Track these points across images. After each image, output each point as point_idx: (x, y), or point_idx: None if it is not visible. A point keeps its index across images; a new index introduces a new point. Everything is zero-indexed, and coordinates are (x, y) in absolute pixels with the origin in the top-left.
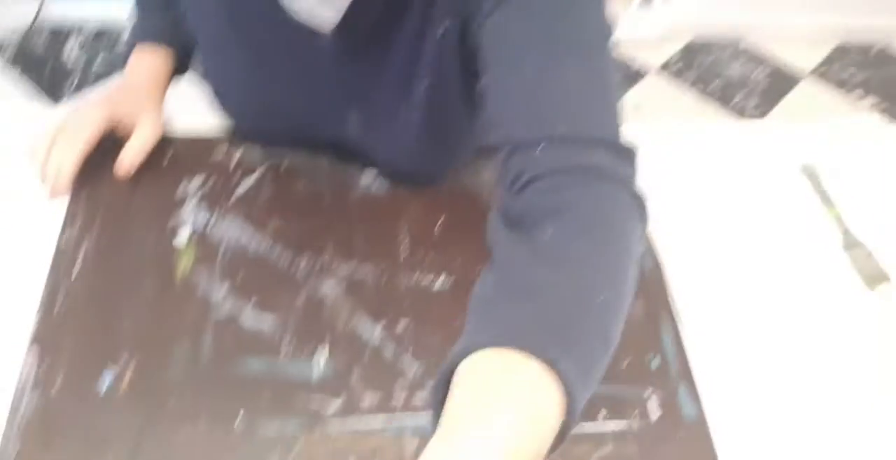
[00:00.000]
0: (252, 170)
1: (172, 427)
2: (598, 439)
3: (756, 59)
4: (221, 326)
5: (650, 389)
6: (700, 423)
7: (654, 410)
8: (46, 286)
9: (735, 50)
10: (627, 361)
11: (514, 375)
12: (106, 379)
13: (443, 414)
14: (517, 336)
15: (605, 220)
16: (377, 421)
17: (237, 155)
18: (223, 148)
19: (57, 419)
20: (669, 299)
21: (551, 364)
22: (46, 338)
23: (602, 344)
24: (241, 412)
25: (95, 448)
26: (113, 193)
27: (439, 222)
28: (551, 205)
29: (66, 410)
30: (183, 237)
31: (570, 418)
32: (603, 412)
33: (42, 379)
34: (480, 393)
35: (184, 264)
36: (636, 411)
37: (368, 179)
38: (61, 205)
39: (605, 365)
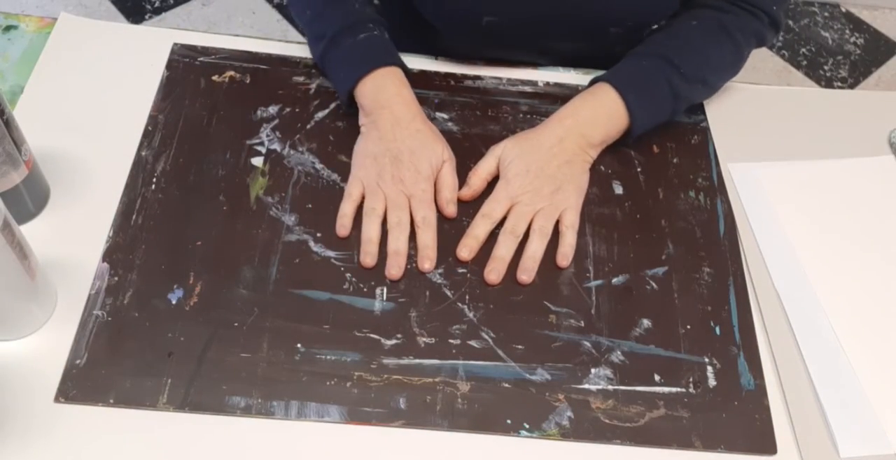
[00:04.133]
0: (328, 102)
1: (236, 346)
2: (651, 402)
3: (850, 25)
4: (290, 253)
5: (710, 356)
6: (758, 394)
7: (711, 378)
8: (121, 202)
9: (828, 15)
10: (689, 326)
11: (604, 100)
12: (176, 294)
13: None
14: (620, 81)
15: (734, 38)
16: (431, 363)
17: (314, 85)
18: (301, 77)
19: (127, 326)
20: (741, 266)
21: (625, 98)
22: (120, 250)
23: (671, 99)
24: (302, 339)
25: (161, 357)
26: (190, 115)
27: None
28: (710, 16)
29: (136, 319)
30: (258, 161)
31: (632, 126)
32: (658, 375)
33: (114, 289)
34: (583, 99)
35: (257, 188)
36: (692, 377)
37: (445, 115)
38: (139, 123)
39: (671, 106)
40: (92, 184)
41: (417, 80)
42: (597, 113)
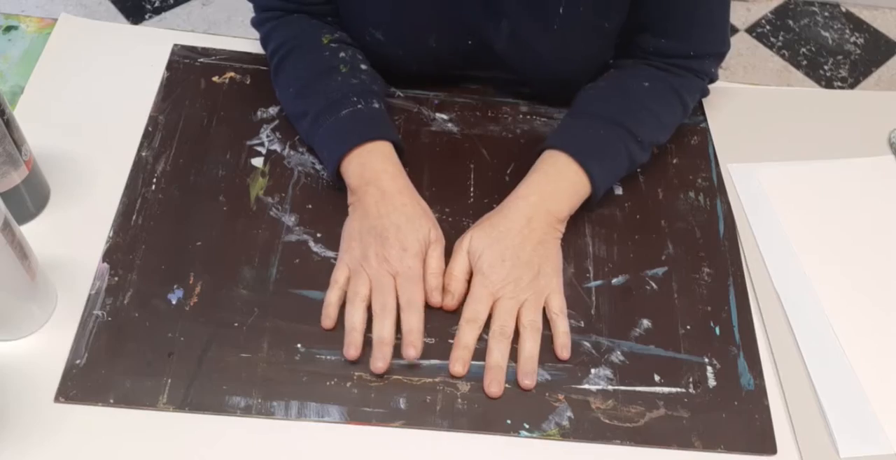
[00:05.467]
0: None
1: (236, 346)
2: (651, 402)
3: (850, 25)
4: (290, 253)
5: (709, 356)
6: (758, 394)
7: (710, 378)
8: (121, 202)
9: (828, 15)
10: (689, 327)
11: (566, 173)
12: (176, 294)
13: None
14: (579, 151)
15: (683, 99)
16: (431, 363)
17: None
18: None
19: (127, 326)
20: (741, 266)
21: (588, 171)
22: (120, 250)
23: (628, 164)
24: (302, 339)
25: (161, 357)
26: (190, 115)
27: (509, 170)
28: (659, 77)
29: (136, 319)
30: (258, 162)
31: (593, 195)
32: (658, 376)
33: (114, 289)
34: (543, 173)
35: (257, 189)
36: (692, 377)
37: (445, 116)
38: (140, 124)
39: (625, 172)
40: (92, 184)
41: (417, 81)
42: (560, 186)
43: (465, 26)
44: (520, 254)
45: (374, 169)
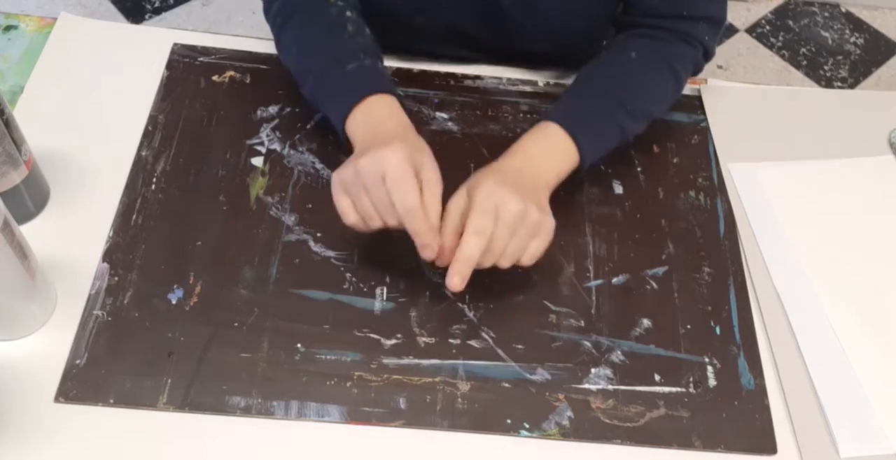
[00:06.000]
0: None
1: (236, 346)
2: (651, 402)
3: (850, 26)
4: (290, 253)
5: (710, 356)
6: (758, 394)
7: (711, 377)
8: (121, 202)
9: (828, 15)
10: (689, 326)
11: (555, 140)
12: (176, 294)
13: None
14: (569, 122)
15: (674, 69)
16: (431, 363)
17: None
18: None
19: (127, 326)
20: (741, 266)
21: (575, 139)
22: (120, 250)
23: (619, 134)
24: (302, 339)
25: (161, 357)
26: (190, 115)
27: None
28: (648, 46)
29: (136, 319)
30: (258, 161)
31: (581, 166)
32: (658, 375)
33: (114, 289)
34: (532, 140)
35: (257, 188)
36: (692, 377)
37: (445, 115)
38: (139, 123)
39: (616, 143)
40: (92, 184)
41: (417, 80)
42: (549, 153)
43: None
44: (518, 186)
45: (379, 116)
